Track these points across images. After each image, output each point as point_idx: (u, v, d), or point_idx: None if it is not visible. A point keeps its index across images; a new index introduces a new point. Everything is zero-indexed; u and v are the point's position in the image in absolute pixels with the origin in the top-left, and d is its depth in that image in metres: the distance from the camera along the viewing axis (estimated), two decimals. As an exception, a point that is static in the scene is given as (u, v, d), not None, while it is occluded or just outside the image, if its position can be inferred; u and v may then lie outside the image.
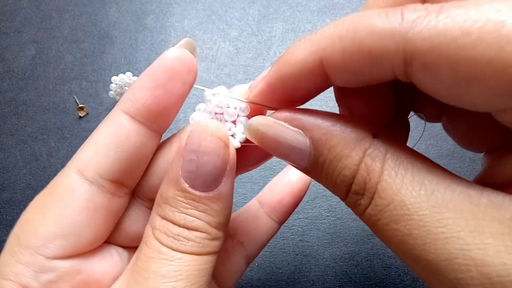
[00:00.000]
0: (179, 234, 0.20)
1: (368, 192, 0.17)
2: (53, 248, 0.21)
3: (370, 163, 0.17)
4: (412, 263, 0.16)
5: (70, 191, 0.21)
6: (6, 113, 0.48)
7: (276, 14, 0.54)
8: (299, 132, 0.19)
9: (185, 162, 0.20)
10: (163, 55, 0.23)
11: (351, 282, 0.37)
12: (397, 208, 0.16)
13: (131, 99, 0.22)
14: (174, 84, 0.22)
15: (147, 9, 0.55)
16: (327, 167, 0.18)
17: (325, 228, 0.39)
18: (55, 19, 0.55)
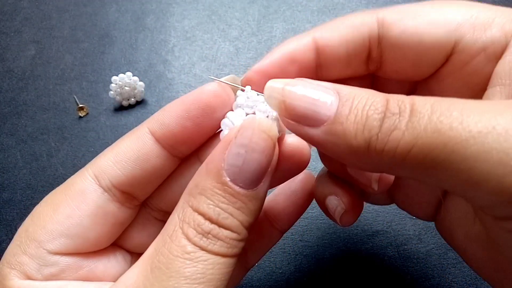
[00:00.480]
0: (210, 231, 0.19)
1: (405, 109, 0.17)
2: (57, 245, 0.21)
3: (396, 96, 0.18)
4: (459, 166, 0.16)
5: (83, 194, 0.22)
6: (6, 113, 0.48)
7: (276, 14, 0.54)
8: (319, 85, 0.19)
9: (231, 156, 0.19)
10: (203, 87, 0.23)
11: (351, 282, 0.37)
12: (441, 102, 0.16)
13: (160, 122, 0.23)
14: (205, 119, 0.23)
15: (147, 9, 0.55)
16: (356, 105, 0.18)
17: (325, 228, 0.39)
18: (55, 19, 0.55)
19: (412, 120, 0.16)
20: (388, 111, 0.17)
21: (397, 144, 0.17)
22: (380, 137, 0.17)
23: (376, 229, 0.39)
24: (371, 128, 0.17)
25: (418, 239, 0.38)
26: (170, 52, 0.52)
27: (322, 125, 0.18)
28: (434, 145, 0.16)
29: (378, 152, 0.17)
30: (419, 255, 0.38)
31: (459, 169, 0.16)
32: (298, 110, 0.19)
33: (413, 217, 0.39)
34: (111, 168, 0.23)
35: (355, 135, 0.17)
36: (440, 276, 0.37)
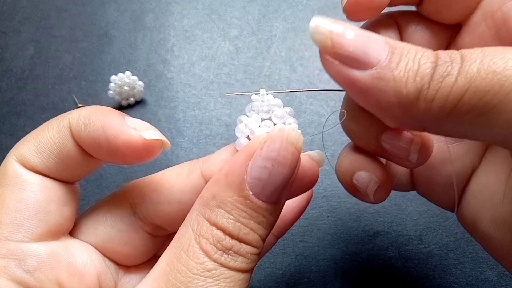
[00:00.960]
0: (231, 248, 0.18)
1: (456, 58, 0.16)
2: (26, 231, 0.20)
3: (445, 51, 0.17)
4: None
5: (19, 176, 0.21)
6: (5, 113, 0.48)
7: (276, 13, 0.53)
8: (367, 31, 0.18)
9: (256, 168, 0.18)
10: (122, 131, 0.21)
11: (352, 283, 0.37)
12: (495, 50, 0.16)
13: (77, 127, 0.21)
14: (112, 155, 0.22)
15: (146, 8, 0.55)
16: (406, 55, 0.17)
17: (325, 229, 0.39)
18: (54, 18, 0.55)
19: (465, 65, 0.16)
20: (440, 60, 0.16)
21: (449, 91, 0.16)
22: (432, 84, 0.16)
23: (377, 229, 0.39)
24: (423, 75, 0.16)
25: (419, 239, 0.38)
26: (170, 52, 0.51)
27: (370, 68, 0.17)
28: (489, 86, 0.15)
29: (429, 101, 0.16)
30: (420, 256, 0.38)
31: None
32: (346, 48, 0.17)
33: (414, 218, 0.39)
34: (35, 157, 0.21)
35: (406, 82, 0.17)
36: (441, 276, 0.37)
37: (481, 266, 0.37)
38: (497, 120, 0.15)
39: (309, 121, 0.46)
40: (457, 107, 0.16)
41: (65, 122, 0.21)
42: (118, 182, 0.43)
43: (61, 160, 0.21)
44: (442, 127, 0.18)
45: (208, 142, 0.45)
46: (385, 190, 0.24)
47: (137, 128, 0.21)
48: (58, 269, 0.21)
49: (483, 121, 0.16)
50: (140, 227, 0.24)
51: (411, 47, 0.17)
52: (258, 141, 0.19)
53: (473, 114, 0.16)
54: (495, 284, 0.36)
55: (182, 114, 0.47)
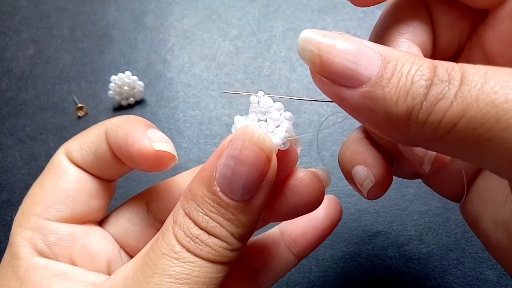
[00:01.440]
0: (198, 236, 0.19)
1: (455, 76, 0.15)
2: (53, 212, 0.23)
3: (445, 62, 0.16)
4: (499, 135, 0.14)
5: (62, 166, 0.24)
6: (4, 113, 0.48)
7: (276, 13, 0.53)
8: (361, 43, 0.17)
9: (222, 166, 0.19)
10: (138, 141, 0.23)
11: (352, 283, 0.37)
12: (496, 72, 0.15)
13: (109, 132, 0.24)
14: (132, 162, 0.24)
15: (146, 8, 0.55)
16: (400, 69, 0.16)
17: (325, 229, 0.39)
18: (54, 18, 0.55)
19: (463, 89, 0.15)
20: (436, 78, 0.15)
21: (442, 115, 0.15)
22: (425, 106, 0.15)
23: (377, 229, 0.39)
24: (415, 96, 0.15)
25: (419, 239, 0.38)
26: (170, 52, 0.51)
27: (360, 86, 0.16)
28: (485, 118, 0.14)
29: (420, 123, 0.15)
30: (420, 256, 0.38)
31: (509, 147, 0.14)
32: (335, 66, 0.17)
33: (414, 218, 0.39)
34: (78, 152, 0.24)
35: (396, 102, 0.16)
36: (441, 276, 0.37)
37: (481, 266, 0.37)
38: (489, 153, 0.15)
39: (309, 121, 0.46)
40: (449, 133, 0.15)
41: (103, 126, 0.24)
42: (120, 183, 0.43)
43: (96, 159, 0.24)
44: (434, 148, 0.17)
45: (208, 142, 0.45)
46: (381, 189, 0.24)
47: (152, 138, 0.23)
48: (73, 248, 0.23)
49: (475, 151, 0.15)
50: (151, 224, 0.26)
51: (406, 59, 0.16)
52: (226, 141, 0.19)
53: (466, 142, 0.15)
54: (495, 284, 0.36)
55: (182, 114, 0.47)
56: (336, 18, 0.52)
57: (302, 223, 0.28)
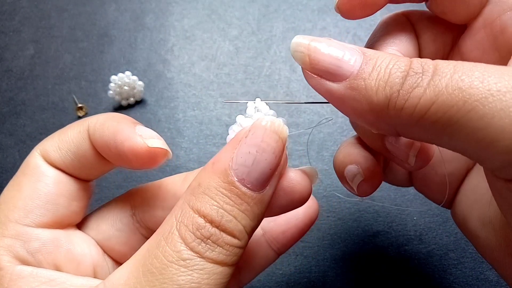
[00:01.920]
0: (210, 237, 0.18)
1: (428, 69, 0.17)
2: (33, 217, 0.22)
3: (420, 59, 0.18)
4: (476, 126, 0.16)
5: (39, 167, 0.23)
6: (4, 113, 0.48)
7: (276, 13, 0.53)
8: (344, 44, 0.19)
9: (241, 155, 0.19)
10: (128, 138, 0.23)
11: (352, 283, 0.37)
12: (464, 66, 0.17)
13: (92, 130, 0.23)
14: (120, 159, 0.24)
15: (146, 8, 0.55)
16: (379, 64, 0.18)
17: (325, 229, 0.39)
18: (54, 18, 0.55)
19: (435, 78, 0.17)
20: (411, 70, 0.17)
21: (417, 101, 0.17)
22: (401, 94, 0.17)
23: (377, 229, 0.39)
24: (392, 85, 0.17)
25: (419, 239, 0.38)
26: (170, 52, 0.51)
27: (344, 80, 0.18)
28: (453, 102, 0.16)
29: (398, 109, 0.17)
30: (420, 256, 0.38)
31: (475, 127, 0.16)
32: (322, 64, 0.19)
33: (414, 218, 0.39)
34: (55, 153, 0.23)
35: (376, 91, 0.18)
36: (441, 276, 0.37)
37: (481, 266, 0.37)
38: (458, 134, 0.17)
39: (309, 121, 0.46)
40: (424, 117, 0.17)
41: (85, 124, 0.24)
42: (118, 183, 0.43)
43: (77, 159, 0.23)
44: (412, 133, 0.19)
45: (208, 142, 0.45)
46: (370, 185, 0.26)
47: (143, 136, 0.23)
48: (57, 254, 0.23)
49: (447, 132, 0.17)
50: (137, 229, 0.26)
51: (385, 57, 0.18)
52: (243, 131, 0.20)
53: (438, 125, 0.17)
54: (495, 284, 0.36)
55: (182, 114, 0.47)
56: (336, 18, 0.52)
57: (283, 222, 0.29)
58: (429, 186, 0.29)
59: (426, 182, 0.29)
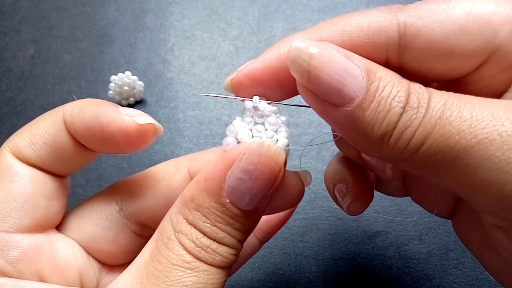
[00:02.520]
0: (209, 246, 0.19)
1: (423, 104, 0.17)
2: (11, 222, 0.20)
3: (418, 87, 0.18)
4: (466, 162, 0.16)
5: (11, 167, 0.21)
6: (4, 113, 0.48)
7: (277, 13, 0.53)
8: (349, 60, 0.18)
9: (234, 179, 0.19)
10: (115, 119, 0.21)
11: (352, 283, 0.37)
12: (455, 102, 0.16)
13: (71, 118, 0.21)
14: (107, 144, 0.22)
15: (146, 8, 0.55)
16: (381, 93, 0.17)
17: (325, 229, 0.39)
18: (54, 18, 0.55)
19: (425, 118, 0.17)
20: (408, 105, 0.17)
21: (407, 142, 0.17)
22: (395, 133, 0.17)
23: (377, 229, 0.39)
24: (389, 122, 0.17)
25: (419, 239, 0.38)
26: (170, 52, 0.51)
27: (343, 106, 0.17)
28: (440, 147, 0.16)
29: (390, 146, 0.17)
30: (420, 256, 0.38)
31: (462, 173, 0.16)
32: (322, 85, 0.17)
33: (413, 218, 0.39)
34: (28, 148, 0.21)
35: (373, 126, 0.17)
36: (441, 277, 0.37)
37: (481, 266, 0.37)
38: (446, 177, 0.17)
39: (309, 121, 0.46)
40: (412, 157, 0.17)
41: (59, 114, 0.22)
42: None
43: (54, 152, 0.21)
44: (401, 166, 0.19)
45: (208, 142, 0.45)
46: (360, 204, 0.26)
47: (130, 114, 0.21)
48: (40, 262, 0.21)
49: (435, 173, 0.17)
50: (125, 226, 0.24)
51: (389, 81, 0.17)
52: (238, 151, 0.19)
53: (427, 166, 0.17)
54: (495, 285, 0.36)
55: (182, 114, 0.47)
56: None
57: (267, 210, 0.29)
58: (425, 200, 0.29)
59: (421, 193, 0.29)
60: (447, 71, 0.20)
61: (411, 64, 0.20)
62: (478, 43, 0.18)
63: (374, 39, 0.19)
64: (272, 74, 0.21)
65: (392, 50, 0.19)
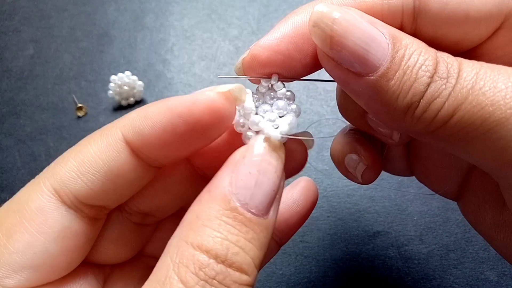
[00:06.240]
0: (215, 276, 0.15)
1: (452, 73, 0.16)
2: (20, 280, 0.17)
3: (446, 56, 0.17)
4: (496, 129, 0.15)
5: (43, 214, 0.18)
6: (4, 113, 0.48)
7: (277, 13, 0.53)
8: (374, 26, 0.17)
9: (241, 177, 0.17)
10: (197, 96, 0.19)
11: (352, 283, 0.37)
12: (488, 73, 0.15)
13: (138, 131, 0.19)
14: (195, 137, 0.19)
15: (146, 8, 0.55)
16: (407, 61, 0.16)
17: (325, 229, 0.39)
18: (54, 18, 0.55)
19: (456, 88, 0.16)
20: (436, 75, 0.16)
21: (436, 114, 0.16)
22: (422, 104, 0.16)
23: (377, 229, 0.39)
24: (416, 92, 0.16)
25: (419, 239, 0.38)
26: (170, 51, 0.51)
27: (367, 75, 0.16)
28: (472, 119, 0.15)
29: (415, 118, 0.16)
30: (420, 256, 0.38)
31: (494, 147, 0.15)
32: (344, 52, 0.16)
33: (414, 218, 0.39)
34: (75, 181, 0.18)
35: (398, 97, 0.16)
36: (441, 277, 0.37)
37: (482, 266, 0.37)
38: (474, 150, 0.16)
39: (309, 121, 0.46)
40: (440, 130, 0.16)
41: (114, 133, 0.19)
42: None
43: (109, 180, 0.19)
44: (424, 139, 0.18)
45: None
46: (374, 172, 0.25)
47: (206, 89, 0.19)
48: None
49: (463, 147, 0.16)
50: (126, 219, 0.23)
51: (415, 49, 0.16)
52: (238, 154, 0.18)
53: (454, 139, 0.16)
54: (495, 284, 0.36)
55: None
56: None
57: (285, 210, 0.27)
58: (431, 178, 0.28)
59: (427, 172, 0.28)
60: (462, 38, 0.19)
61: (426, 30, 0.19)
62: (494, 4, 0.18)
63: (389, 0, 0.18)
64: (290, 43, 0.19)
65: (407, 13, 0.18)
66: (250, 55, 0.19)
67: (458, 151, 0.17)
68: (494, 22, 0.18)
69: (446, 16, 0.18)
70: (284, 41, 0.19)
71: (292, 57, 0.19)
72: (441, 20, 0.18)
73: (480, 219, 0.24)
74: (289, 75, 0.20)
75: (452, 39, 0.19)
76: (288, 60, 0.19)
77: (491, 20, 0.18)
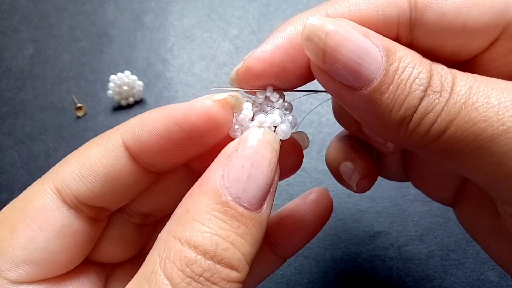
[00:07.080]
0: (202, 273, 0.15)
1: (446, 87, 0.16)
2: (20, 273, 0.18)
3: (440, 69, 0.16)
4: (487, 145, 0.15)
5: (45, 212, 0.19)
6: (3, 113, 0.48)
7: (277, 13, 0.53)
8: (367, 39, 0.16)
9: (234, 169, 0.17)
10: (194, 104, 0.19)
11: (352, 283, 0.37)
12: (482, 88, 0.15)
13: (136, 137, 0.19)
14: (191, 144, 0.19)
15: (146, 8, 0.54)
16: (401, 75, 0.16)
17: (326, 229, 0.39)
18: (53, 18, 0.54)
19: (449, 103, 0.15)
20: (430, 89, 0.16)
21: (428, 128, 0.16)
22: (415, 118, 0.16)
23: (378, 230, 0.39)
24: (409, 106, 0.16)
25: (420, 240, 0.38)
26: (169, 51, 0.51)
27: (360, 89, 0.16)
28: (465, 134, 0.15)
29: (408, 132, 0.16)
30: (420, 256, 0.37)
31: (486, 162, 0.15)
32: (337, 66, 0.16)
33: (414, 218, 0.39)
34: (76, 182, 0.19)
35: (391, 110, 0.16)
36: (441, 277, 0.37)
37: (482, 267, 0.37)
38: (467, 165, 0.16)
39: (309, 121, 0.45)
40: (432, 144, 0.16)
41: (115, 138, 0.20)
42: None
43: (108, 183, 0.19)
44: (417, 152, 0.18)
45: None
46: (369, 181, 0.25)
47: (203, 98, 0.19)
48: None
49: (455, 161, 0.16)
50: (127, 221, 0.23)
51: (409, 60, 0.16)
52: (231, 146, 0.18)
53: (447, 153, 0.16)
54: (496, 285, 0.36)
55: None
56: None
57: (290, 225, 0.26)
58: (426, 184, 0.28)
59: (422, 179, 0.28)
60: (459, 49, 0.18)
61: (422, 41, 0.18)
62: (491, 15, 0.17)
63: (384, 11, 0.18)
64: (284, 55, 0.19)
65: (403, 24, 0.18)
66: (244, 67, 0.19)
67: (451, 165, 0.17)
68: (492, 34, 0.18)
69: (443, 27, 0.18)
70: (278, 53, 0.19)
71: (287, 69, 0.19)
72: (438, 31, 0.18)
73: (476, 227, 0.24)
74: (284, 86, 0.20)
75: (449, 50, 0.19)
76: (282, 72, 0.19)
77: (489, 32, 0.18)
